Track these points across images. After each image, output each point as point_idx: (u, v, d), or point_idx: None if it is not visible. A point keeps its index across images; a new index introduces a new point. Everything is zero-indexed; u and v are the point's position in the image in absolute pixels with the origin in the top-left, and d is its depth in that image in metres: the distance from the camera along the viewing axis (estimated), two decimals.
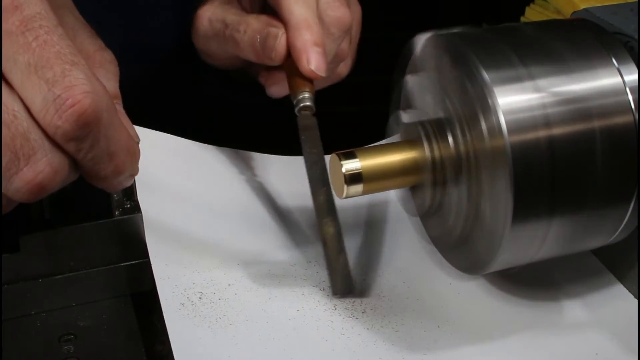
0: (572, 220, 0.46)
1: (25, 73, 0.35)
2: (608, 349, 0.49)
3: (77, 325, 0.50)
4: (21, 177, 0.36)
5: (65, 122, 0.35)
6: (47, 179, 0.36)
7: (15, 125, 0.35)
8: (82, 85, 0.35)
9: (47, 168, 0.36)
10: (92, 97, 0.35)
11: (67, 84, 0.35)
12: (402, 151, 0.48)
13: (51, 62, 0.35)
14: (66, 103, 0.35)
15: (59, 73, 0.35)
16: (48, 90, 0.35)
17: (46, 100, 0.35)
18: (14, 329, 0.49)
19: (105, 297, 0.52)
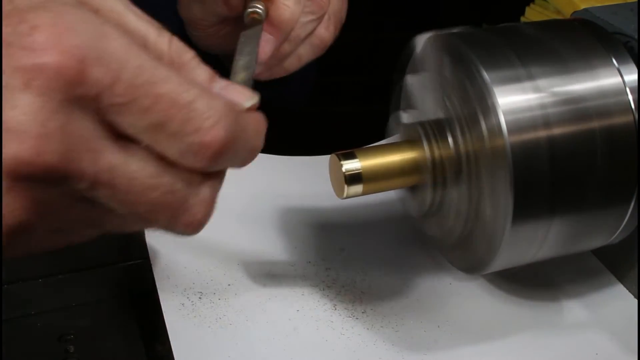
0: (572, 220, 0.46)
1: (152, 134, 0.34)
2: (608, 349, 0.49)
3: (77, 325, 0.50)
4: (181, 225, 0.36)
5: (206, 161, 0.35)
6: (205, 214, 0.37)
7: (159, 185, 0.35)
8: (208, 120, 0.35)
9: (201, 207, 0.37)
10: (222, 126, 0.35)
11: (196, 127, 0.35)
12: (402, 151, 0.48)
13: (171, 114, 0.34)
14: (202, 147, 0.35)
15: (182, 121, 0.34)
16: (179, 142, 0.34)
17: (182, 152, 0.35)
18: (14, 329, 0.49)
19: (105, 297, 0.52)
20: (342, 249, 0.57)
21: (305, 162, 0.65)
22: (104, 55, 0.33)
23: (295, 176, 0.63)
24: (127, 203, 0.35)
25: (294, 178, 0.63)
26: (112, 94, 0.34)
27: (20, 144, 0.32)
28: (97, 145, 0.34)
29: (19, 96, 0.32)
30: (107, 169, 0.34)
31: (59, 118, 0.33)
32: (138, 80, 0.34)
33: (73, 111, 0.33)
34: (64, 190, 0.34)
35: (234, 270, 0.53)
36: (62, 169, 0.33)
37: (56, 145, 0.33)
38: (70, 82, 0.33)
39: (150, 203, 0.35)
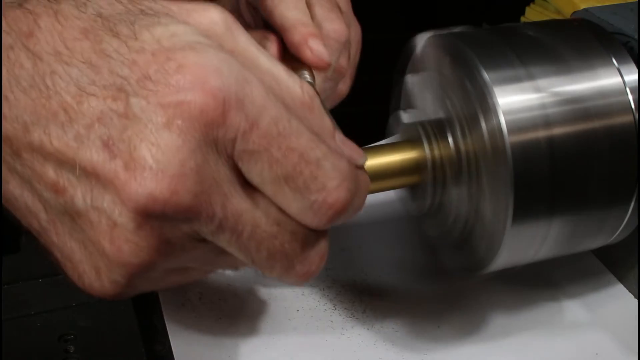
0: (572, 220, 0.46)
1: (277, 185, 0.35)
2: (608, 349, 0.49)
3: (77, 325, 0.50)
4: (295, 275, 0.37)
5: (327, 221, 0.36)
6: (319, 266, 0.37)
7: (281, 234, 0.35)
8: (334, 181, 0.35)
9: (316, 258, 0.37)
10: (345, 188, 0.35)
11: (320, 186, 0.35)
12: (402, 151, 0.48)
13: (299, 169, 0.34)
14: (324, 207, 0.35)
15: (308, 178, 0.35)
16: (302, 198, 0.35)
17: (303, 208, 0.35)
18: (14, 329, 0.49)
19: None
20: (342, 249, 0.57)
21: None
22: (245, 101, 0.34)
23: None
24: (247, 250, 0.35)
25: None
26: (248, 140, 0.34)
27: (158, 183, 0.32)
28: (228, 190, 0.34)
29: (160, 134, 0.32)
30: (235, 214, 0.34)
31: (196, 159, 0.33)
32: (273, 130, 0.34)
33: (210, 153, 0.33)
34: (189, 232, 0.34)
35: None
36: (195, 210, 0.33)
37: (191, 185, 0.33)
38: (211, 123, 0.33)
39: (270, 250, 0.36)
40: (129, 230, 0.33)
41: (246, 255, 0.36)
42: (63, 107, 0.33)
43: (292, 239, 0.36)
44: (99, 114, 0.33)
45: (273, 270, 0.36)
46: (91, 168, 0.33)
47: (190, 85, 0.33)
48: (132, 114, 0.33)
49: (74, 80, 0.33)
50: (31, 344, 0.49)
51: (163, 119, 0.32)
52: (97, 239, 0.34)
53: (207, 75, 0.33)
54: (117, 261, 0.34)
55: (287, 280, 0.37)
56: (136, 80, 0.33)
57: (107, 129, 0.33)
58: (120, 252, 0.34)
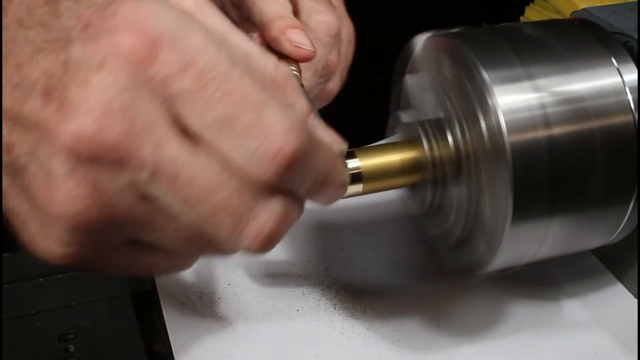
0: (572, 219, 0.46)
1: (216, 130, 0.33)
2: (608, 349, 0.49)
3: (77, 325, 0.50)
4: (248, 234, 0.34)
5: (273, 172, 0.33)
6: (274, 227, 0.35)
7: (227, 185, 0.33)
8: (278, 126, 0.33)
9: (271, 216, 0.34)
10: (293, 134, 0.33)
11: (263, 130, 0.33)
12: (402, 151, 0.48)
13: (238, 111, 0.33)
14: (269, 153, 0.33)
15: (250, 121, 0.33)
16: (245, 143, 0.33)
17: (246, 156, 0.33)
18: (14, 329, 0.49)
19: (105, 297, 0.52)
20: (342, 249, 0.57)
21: None
22: (179, 42, 0.33)
23: None
24: (189, 202, 0.33)
25: None
26: (181, 80, 0.33)
27: (84, 119, 0.32)
28: (162, 134, 0.33)
29: (92, 75, 0.32)
30: (170, 160, 0.33)
31: (125, 97, 0.32)
32: (210, 72, 0.33)
33: (141, 94, 0.33)
34: (125, 184, 0.33)
35: (234, 270, 0.53)
36: (123, 152, 0.32)
37: (119, 123, 0.32)
38: (141, 61, 0.32)
39: (214, 204, 0.34)
40: (61, 176, 0.33)
41: (190, 210, 0.33)
42: (17, 68, 0.34)
43: (240, 192, 0.33)
44: (45, 67, 0.33)
45: (221, 228, 0.34)
46: (33, 118, 0.33)
47: (122, 27, 0.33)
48: (71, 60, 0.33)
49: (29, 41, 0.34)
50: (31, 344, 0.49)
51: (96, 61, 0.32)
52: (37, 191, 0.34)
53: (140, 16, 0.33)
54: (55, 213, 0.33)
55: (244, 244, 0.35)
56: (79, 29, 0.33)
57: (49, 79, 0.33)
58: (55, 201, 0.33)
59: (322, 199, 0.38)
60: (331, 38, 0.53)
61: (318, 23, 0.52)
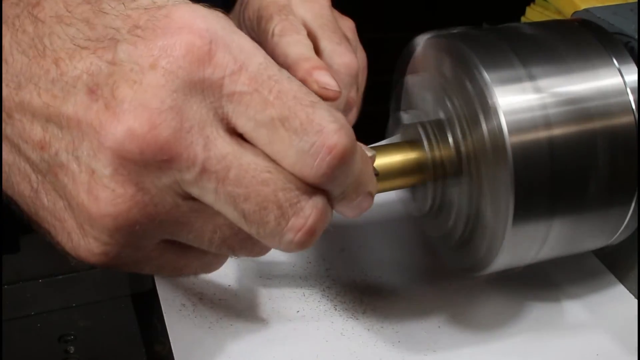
0: (572, 221, 0.46)
1: (271, 129, 0.33)
2: (608, 350, 0.49)
3: (77, 325, 0.50)
4: (291, 227, 0.35)
5: (327, 168, 0.34)
6: (316, 222, 0.35)
7: (273, 181, 0.34)
8: (331, 125, 0.34)
9: (313, 211, 0.35)
10: (344, 134, 0.34)
11: (317, 128, 0.34)
12: (403, 152, 0.48)
13: (293, 110, 0.34)
14: (324, 149, 0.34)
15: (305, 120, 0.34)
16: (300, 140, 0.33)
17: (301, 151, 0.34)
18: (14, 329, 0.49)
19: (105, 297, 0.52)
20: (342, 249, 0.57)
21: None
22: (233, 45, 0.34)
23: None
24: (235, 200, 0.34)
25: None
26: (236, 82, 0.33)
27: (136, 117, 0.32)
28: (211, 132, 0.33)
29: (144, 75, 0.32)
30: (219, 157, 0.33)
31: (177, 97, 0.32)
32: (263, 74, 0.34)
33: (193, 95, 0.33)
34: (170, 184, 0.33)
35: (234, 270, 0.53)
36: (174, 150, 0.32)
37: (171, 121, 0.32)
38: (197, 61, 0.33)
39: (261, 198, 0.34)
40: (106, 176, 0.33)
41: (235, 207, 0.34)
42: (56, 63, 0.34)
43: (286, 187, 0.34)
44: (88, 65, 0.33)
45: (266, 224, 0.35)
46: (74, 116, 0.33)
47: (177, 28, 0.33)
48: (119, 59, 0.33)
49: (70, 37, 0.34)
50: (31, 344, 0.49)
51: (149, 61, 0.33)
52: (77, 191, 0.34)
53: (195, 19, 0.33)
54: (96, 212, 0.33)
55: (286, 239, 0.35)
56: (127, 30, 0.34)
57: (94, 77, 0.33)
58: (98, 201, 0.33)
59: (350, 207, 0.39)
60: (352, 79, 0.53)
61: (340, 65, 0.53)
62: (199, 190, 0.34)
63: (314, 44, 0.52)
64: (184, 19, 0.33)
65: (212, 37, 0.33)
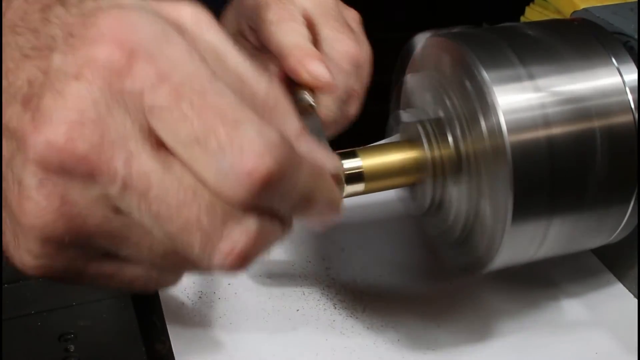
0: (572, 219, 0.46)
1: (189, 147, 0.32)
2: (608, 349, 0.49)
3: (77, 325, 0.50)
4: (219, 253, 0.33)
5: (246, 192, 0.32)
6: (247, 247, 0.33)
7: (197, 203, 0.32)
8: (254, 145, 0.31)
9: (242, 236, 0.33)
10: (268, 156, 0.32)
11: (237, 149, 0.31)
12: (402, 151, 0.48)
13: (213, 129, 0.32)
14: (242, 172, 0.31)
15: (224, 140, 0.31)
16: (217, 162, 0.31)
17: (219, 174, 0.32)
18: (14, 329, 0.49)
19: (105, 297, 0.52)
20: (342, 249, 0.57)
21: None
22: (157, 55, 0.32)
23: None
24: (160, 217, 0.32)
25: None
26: (155, 95, 0.32)
27: (55, 129, 0.32)
28: (134, 147, 0.32)
29: (67, 85, 0.32)
30: (141, 174, 0.32)
31: (98, 110, 0.32)
32: (186, 87, 0.32)
33: (115, 107, 0.32)
34: (94, 196, 0.33)
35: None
36: (93, 162, 0.32)
37: (90, 134, 0.32)
38: (116, 73, 0.32)
39: (183, 221, 0.32)
40: (32, 187, 0.32)
41: (159, 227, 0.33)
42: (5, 74, 0.34)
43: (209, 211, 0.32)
44: (28, 74, 0.33)
45: (192, 246, 0.33)
46: (11, 126, 0.33)
47: (101, 37, 0.32)
48: (52, 69, 0.33)
49: (19, 47, 0.34)
50: (31, 344, 0.49)
51: (73, 71, 0.32)
52: (9, 201, 0.33)
53: (119, 27, 0.32)
54: (25, 223, 0.33)
55: (215, 263, 0.33)
56: (62, 38, 0.33)
57: (31, 87, 0.33)
58: (24, 212, 0.33)
59: (312, 219, 0.37)
60: (353, 67, 0.52)
61: (340, 52, 0.51)
62: (126, 206, 0.33)
63: (315, 32, 0.51)
64: (109, 26, 0.32)
65: (134, 46, 0.32)
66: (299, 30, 0.49)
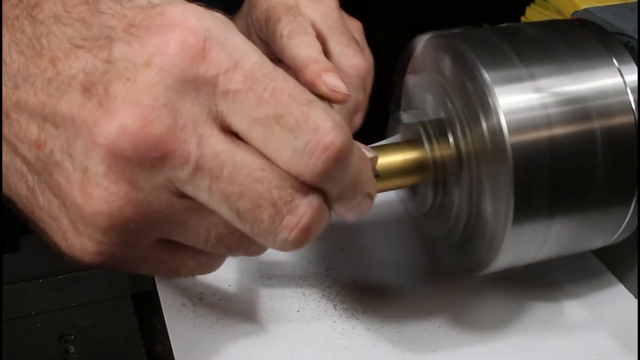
0: (572, 220, 0.46)
1: (266, 127, 0.34)
2: (608, 350, 0.49)
3: (77, 325, 0.50)
4: (286, 226, 0.35)
5: (322, 167, 0.34)
6: (310, 220, 0.35)
7: (267, 179, 0.34)
8: (327, 123, 0.34)
9: (308, 210, 0.35)
10: (340, 133, 0.34)
11: (313, 126, 0.34)
12: (403, 151, 0.48)
13: (289, 108, 0.34)
14: (319, 148, 0.33)
15: (300, 118, 0.34)
16: (295, 138, 0.33)
17: (296, 150, 0.34)
18: (14, 329, 0.49)
19: (105, 297, 0.52)
20: (342, 249, 0.57)
21: None
22: (227, 42, 0.34)
23: None
24: (229, 196, 0.34)
25: None
26: (231, 79, 0.33)
27: (129, 114, 0.32)
28: (205, 130, 0.33)
29: (138, 73, 0.33)
30: (212, 155, 0.33)
31: (171, 95, 0.33)
32: (258, 72, 0.34)
33: (187, 92, 0.33)
34: (164, 182, 0.34)
35: (234, 270, 0.53)
36: (167, 146, 0.33)
37: (164, 118, 0.32)
38: (191, 58, 0.33)
39: (254, 196, 0.34)
40: (99, 173, 0.33)
41: (229, 205, 0.34)
42: (52, 62, 0.34)
43: (280, 185, 0.34)
44: (84, 63, 0.34)
45: (260, 222, 0.35)
46: (69, 114, 0.33)
47: (171, 26, 0.33)
48: (114, 58, 0.33)
49: (67, 37, 0.34)
50: (31, 344, 0.49)
51: (143, 59, 0.33)
52: (70, 189, 0.34)
53: (189, 17, 0.34)
54: (89, 210, 0.33)
55: (280, 238, 0.35)
56: (122, 29, 0.34)
57: (89, 76, 0.33)
58: (91, 199, 0.33)
59: (348, 208, 0.38)
60: (360, 80, 0.53)
61: (349, 67, 0.52)
62: (193, 189, 0.34)
63: (323, 45, 0.52)
64: (178, 16, 0.34)
65: (206, 34, 0.33)
66: (313, 44, 0.50)
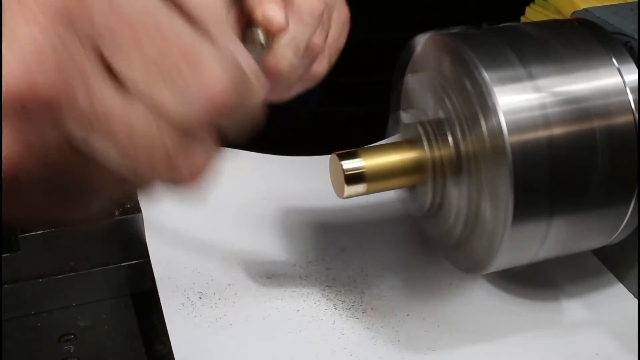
0: (572, 220, 0.46)
1: (147, 71, 0.33)
2: (608, 349, 0.49)
3: (77, 325, 0.50)
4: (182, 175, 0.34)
5: (204, 114, 0.33)
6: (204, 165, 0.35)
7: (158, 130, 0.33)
8: (211, 67, 0.33)
9: (201, 156, 0.35)
10: (224, 78, 0.33)
11: (198, 69, 0.33)
12: (403, 151, 0.48)
13: (169, 52, 0.33)
14: (203, 92, 0.33)
15: (183, 59, 0.33)
16: (174, 84, 0.33)
17: (179, 96, 0.33)
18: (14, 329, 0.49)
19: (105, 297, 0.52)
20: (342, 249, 0.57)
21: (305, 162, 0.65)
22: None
23: (295, 176, 0.63)
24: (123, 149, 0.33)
25: (294, 178, 0.63)
26: (108, 22, 0.33)
27: (14, 64, 0.32)
28: (93, 80, 0.33)
29: (23, 28, 0.32)
30: (102, 105, 0.33)
31: (54, 45, 0.32)
32: (140, 11, 0.33)
33: (71, 43, 0.33)
34: (55, 132, 0.33)
35: (234, 270, 0.53)
36: (54, 97, 0.32)
37: (50, 67, 0.32)
38: (70, 11, 0.32)
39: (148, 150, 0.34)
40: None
41: (123, 156, 0.34)
42: None
43: (171, 135, 0.34)
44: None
45: (156, 173, 0.34)
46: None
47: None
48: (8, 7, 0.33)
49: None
50: (31, 344, 0.49)
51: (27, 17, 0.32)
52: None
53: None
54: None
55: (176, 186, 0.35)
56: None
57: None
58: None
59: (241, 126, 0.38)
60: (314, 19, 0.51)
61: (301, 3, 0.51)
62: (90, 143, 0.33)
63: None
64: None
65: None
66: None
